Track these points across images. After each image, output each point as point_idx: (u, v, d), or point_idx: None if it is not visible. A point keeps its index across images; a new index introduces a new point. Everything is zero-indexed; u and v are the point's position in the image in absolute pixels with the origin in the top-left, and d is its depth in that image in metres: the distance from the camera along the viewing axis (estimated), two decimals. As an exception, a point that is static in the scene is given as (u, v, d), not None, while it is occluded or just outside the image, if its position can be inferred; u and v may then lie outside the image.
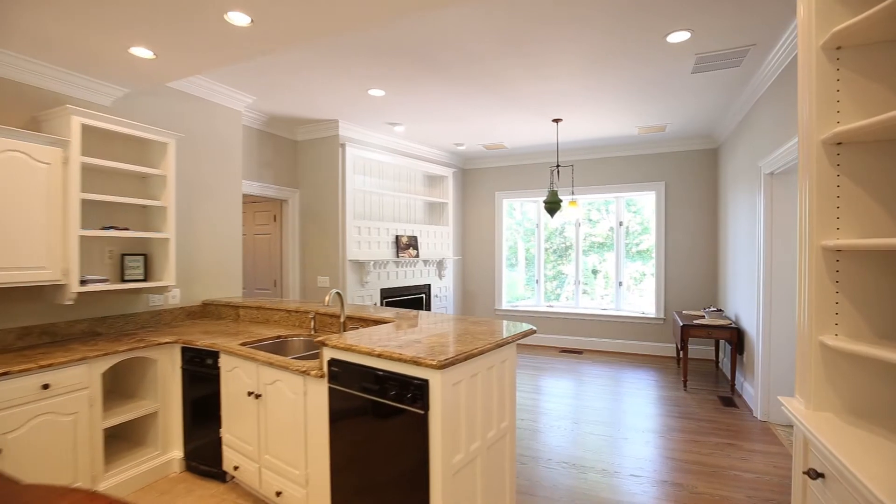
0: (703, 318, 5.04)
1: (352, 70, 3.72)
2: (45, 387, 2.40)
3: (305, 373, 2.25)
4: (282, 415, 2.45)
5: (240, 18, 2.33)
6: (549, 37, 3.15)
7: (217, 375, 2.88)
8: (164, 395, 3.05)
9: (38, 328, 2.93)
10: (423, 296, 6.46)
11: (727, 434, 3.61)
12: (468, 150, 6.83)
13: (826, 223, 1.38)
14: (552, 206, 4.89)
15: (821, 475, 1.28)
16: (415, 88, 4.15)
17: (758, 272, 3.96)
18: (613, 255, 6.88)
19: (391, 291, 5.88)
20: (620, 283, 6.82)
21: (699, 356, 6.10)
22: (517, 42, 3.23)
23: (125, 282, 3.28)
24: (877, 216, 1.35)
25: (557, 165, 5.13)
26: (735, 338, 4.57)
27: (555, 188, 5.16)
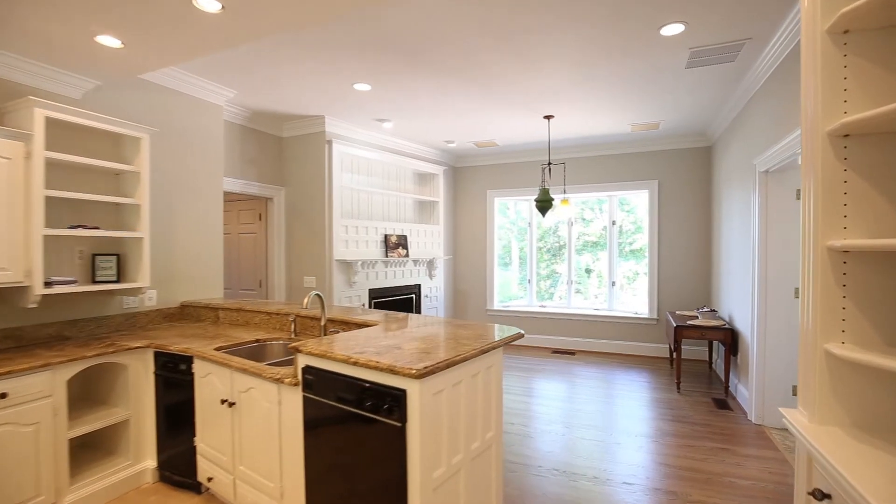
0: (697, 319, 4.95)
1: (336, 63, 3.59)
2: (3, 396, 2.26)
3: (279, 380, 2.13)
4: (256, 424, 2.32)
5: (210, 4, 2.20)
6: (540, 28, 3.04)
7: (191, 381, 2.74)
8: (137, 402, 2.91)
9: (1, 332, 2.78)
10: (413, 296, 6.34)
11: (721, 438, 3.52)
12: (459, 148, 6.71)
13: (832, 222, 1.28)
14: (543, 205, 4.79)
15: (827, 496, 1.18)
16: (402, 83, 4.02)
17: (752, 272, 3.87)
18: (606, 255, 6.79)
19: (380, 292, 5.75)
20: (613, 283, 6.74)
21: (692, 357, 6.02)
22: (507, 34, 3.12)
23: (96, 283, 3.13)
24: (887, 214, 1.24)
25: (549, 163, 5.02)
26: (729, 339, 4.48)
27: (546, 186, 5.06)
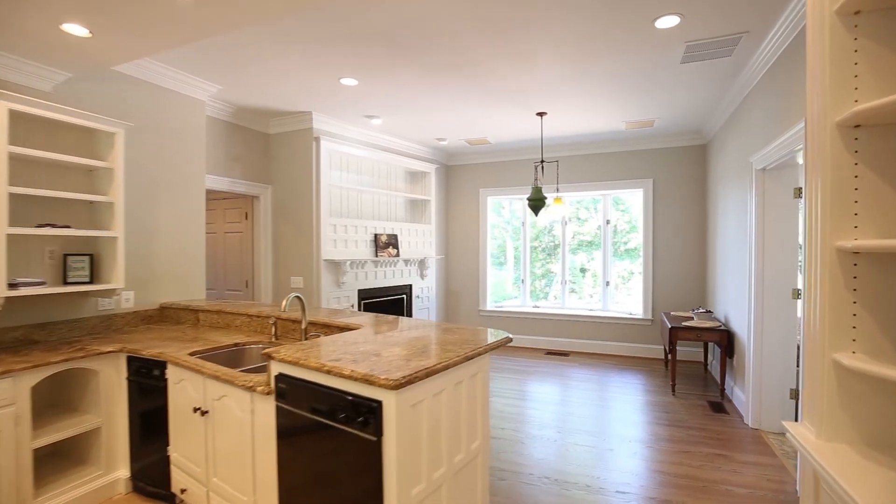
0: (692, 320, 4.86)
1: (322, 57, 3.47)
2: (-42, 405, 2.12)
3: (252, 389, 2.00)
4: (229, 434, 2.20)
5: (178, -11, 2.07)
6: (531, 20, 2.92)
7: (165, 388, 2.61)
8: (109, 410, 2.78)
9: (-37, 337, 2.65)
10: (405, 297, 6.22)
11: (717, 444, 3.42)
12: (451, 146, 6.59)
13: (842, 221, 1.17)
14: (536, 204, 4.68)
15: (837, 521, 1.07)
16: (389, 78, 3.90)
17: (749, 272, 3.77)
18: (601, 254, 6.69)
19: (370, 292, 5.62)
20: (608, 283, 6.64)
21: (687, 358, 5.93)
22: (497, 27, 3.00)
23: (68, 284, 3.00)
24: (902, 212, 1.14)
25: (542, 161, 4.91)
26: (725, 340, 4.39)
27: (539, 185, 4.95)
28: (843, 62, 1.16)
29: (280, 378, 1.88)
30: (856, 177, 1.17)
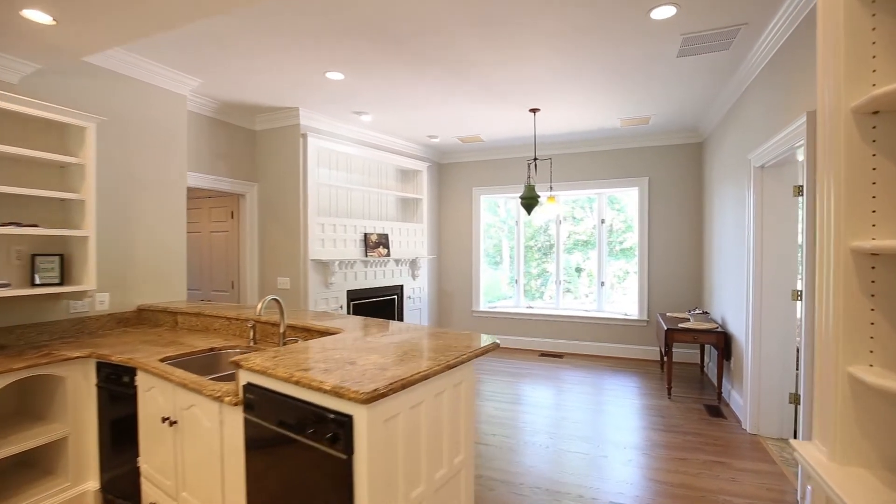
0: (688, 321, 4.75)
1: (306, 50, 3.33)
2: None
3: (220, 399, 1.87)
4: (198, 447, 2.06)
5: (142, -29, 1.93)
6: (522, 11, 2.80)
7: (135, 395, 2.47)
8: (77, 418, 2.63)
9: (-80, 342, 2.50)
10: (396, 297, 6.09)
11: (715, 450, 3.31)
12: (443, 143, 6.46)
13: (858, 219, 1.05)
14: (529, 202, 4.55)
15: (854, 556, 0.95)
16: (377, 72, 3.77)
17: (747, 273, 3.66)
18: (596, 254, 6.58)
19: (359, 293, 5.49)
20: (602, 283, 6.53)
21: (683, 359, 5.82)
22: (488, 18, 2.87)
23: (36, 286, 2.85)
24: (925, 208, 1.02)
25: (535, 159, 4.79)
26: (722, 343, 4.28)
27: (532, 183, 4.82)
28: (860, 42, 1.04)
29: (248, 388, 1.75)
30: (873, 169, 1.04)
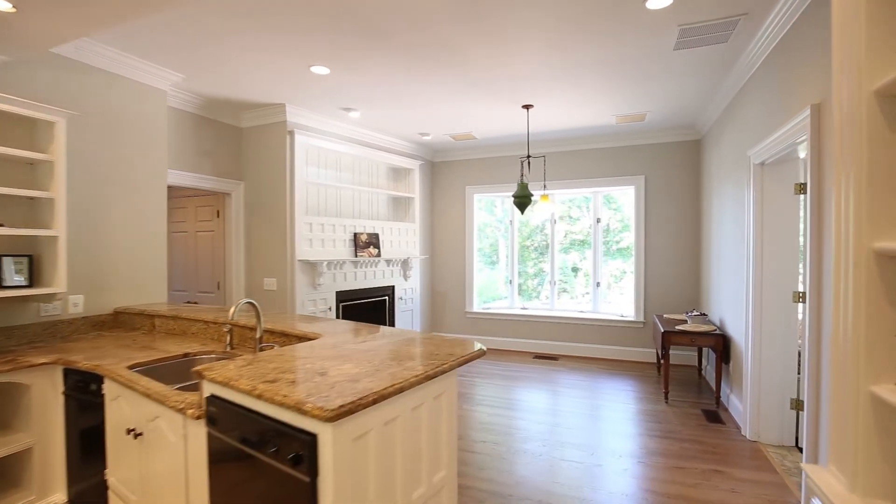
0: (686, 323, 4.63)
1: (289, 43, 3.19)
2: None
3: (182, 411, 1.74)
4: (163, 462, 1.93)
5: (99, -49, 1.80)
6: (513, 3, 2.67)
7: (103, 404, 2.34)
8: (43, 428, 2.50)
9: None
10: (387, 298, 5.96)
11: (714, 458, 3.19)
12: (435, 142, 6.33)
13: (882, 216, 0.92)
14: (522, 201, 4.43)
15: None
16: (365, 67, 3.63)
17: (746, 273, 3.54)
18: (592, 254, 6.46)
19: (349, 294, 5.36)
20: (598, 284, 6.41)
21: (680, 362, 5.70)
22: (479, 10, 2.74)
23: (3, 288, 2.71)
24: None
25: (528, 156, 4.66)
26: (720, 345, 4.16)
27: (525, 181, 4.70)
28: (884, 15, 0.92)
29: (211, 400, 1.62)
30: (897, 159, 0.92)
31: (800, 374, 3.32)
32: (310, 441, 1.28)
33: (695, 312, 4.91)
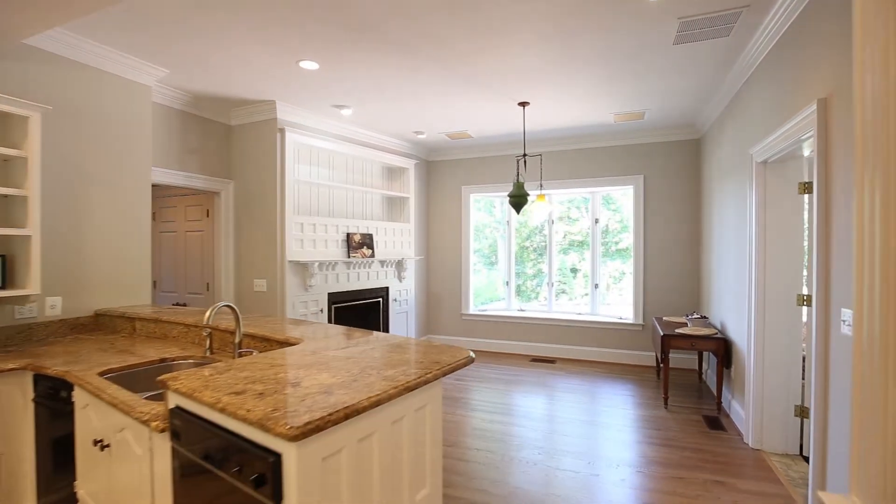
0: (686, 327, 4.52)
1: (277, 37, 3.07)
2: None
3: (147, 423, 1.62)
4: (130, 476, 1.81)
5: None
6: (503, -11, 2.56)
7: (73, 412, 2.22)
8: (11, 436, 2.38)
9: None
10: (381, 300, 5.84)
11: (715, 467, 3.07)
12: (430, 140, 6.21)
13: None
14: (518, 200, 4.31)
15: None
16: (356, 62, 3.52)
17: (749, 275, 3.43)
18: (590, 255, 6.35)
19: (341, 296, 5.24)
20: (597, 286, 6.29)
21: (680, 365, 5.59)
22: (473, 3, 2.63)
23: (-28, 290, 2.60)
24: None
25: (524, 155, 4.55)
26: (722, 349, 4.04)
27: (521, 181, 4.58)
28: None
29: (176, 412, 1.50)
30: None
31: (804, 380, 3.20)
32: (273, 461, 1.16)
33: (695, 315, 4.80)
